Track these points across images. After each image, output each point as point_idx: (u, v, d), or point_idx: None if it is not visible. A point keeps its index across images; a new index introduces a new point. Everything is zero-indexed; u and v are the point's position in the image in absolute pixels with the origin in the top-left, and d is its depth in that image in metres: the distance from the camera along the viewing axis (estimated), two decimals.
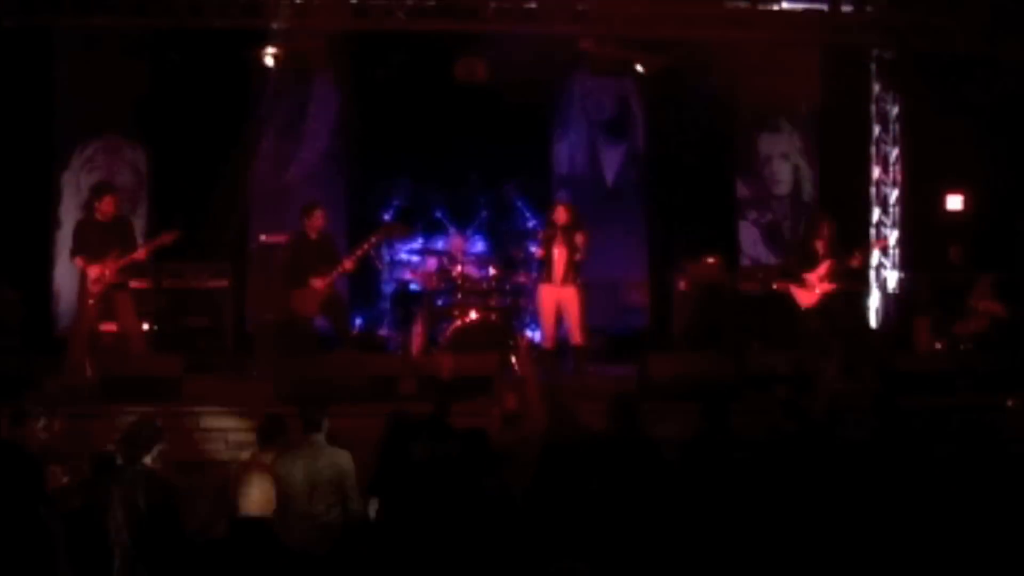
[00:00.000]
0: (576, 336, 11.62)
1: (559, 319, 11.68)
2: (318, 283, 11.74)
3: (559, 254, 11.61)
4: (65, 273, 13.19)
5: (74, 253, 11.40)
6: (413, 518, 6.27)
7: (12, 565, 5.82)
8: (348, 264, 11.83)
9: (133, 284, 11.65)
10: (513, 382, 10.96)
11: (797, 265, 12.30)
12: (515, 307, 12.67)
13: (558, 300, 11.63)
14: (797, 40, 13.72)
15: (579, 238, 11.56)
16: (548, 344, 11.78)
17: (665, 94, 13.82)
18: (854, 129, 14.43)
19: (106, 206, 11.34)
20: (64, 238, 12.58)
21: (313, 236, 11.92)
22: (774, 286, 12.61)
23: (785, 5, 13.12)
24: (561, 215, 11.67)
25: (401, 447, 7.09)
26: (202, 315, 12.79)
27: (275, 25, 12.73)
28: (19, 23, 12.35)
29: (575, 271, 11.63)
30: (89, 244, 11.26)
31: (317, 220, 11.91)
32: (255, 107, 14.04)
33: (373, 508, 7.05)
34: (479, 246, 13.46)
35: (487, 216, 13.51)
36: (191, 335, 12.62)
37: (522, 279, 12.55)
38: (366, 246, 12.01)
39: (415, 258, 13.37)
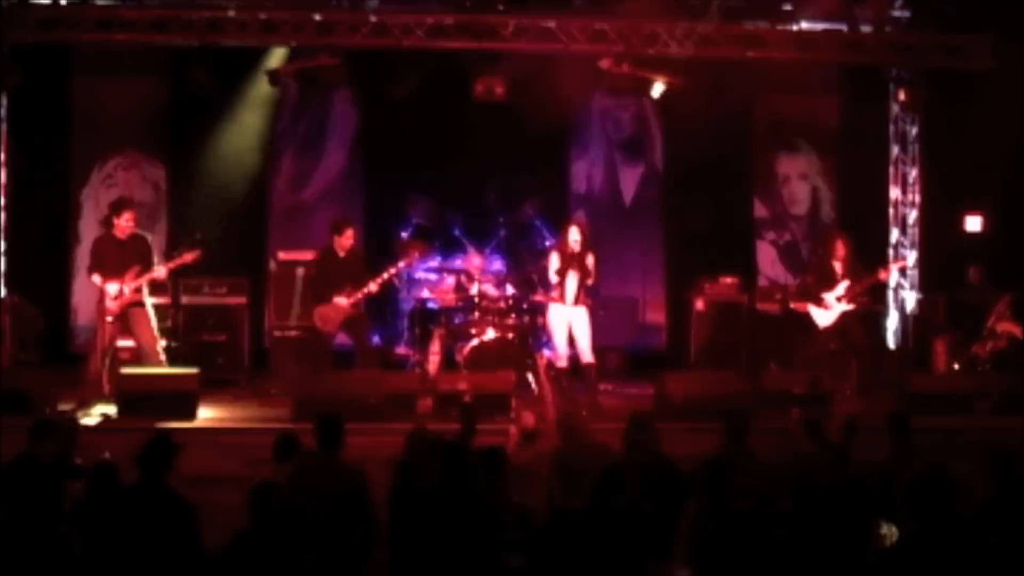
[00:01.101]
0: (586, 355, 11.59)
1: (571, 338, 11.65)
2: (342, 303, 11.73)
3: (572, 276, 11.56)
4: (83, 288, 13.16)
5: (91, 270, 11.39)
6: (428, 538, 6.26)
7: None
8: (373, 288, 11.80)
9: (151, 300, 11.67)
10: (531, 400, 10.98)
11: (815, 285, 12.29)
12: (532, 325, 12.63)
13: (569, 320, 11.61)
14: (816, 60, 13.70)
15: (590, 260, 11.53)
16: (562, 363, 11.75)
17: (683, 114, 13.80)
18: (873, 149, 14.40)
19: (125, 222, 11.34)
20: (83, 254, 12.60)
21: (341, 254, 11.88)
22: (791, 306, 12.62)
23: (804, 25, 13.12)
24: (575, 235, 11.60)
25: (421, 466, 7.07)
26: (220, 331, 12.81)
27: (294, 43, 12.80)
28: (39, 40, 12.40)
29: (586, 292, 11.60)
30: (107, 261, 11.27)
31: (347, 239, 11.88)
32: (274, 124, 14.12)
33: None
34: (497, 264, 13.42)
35: (505, 234, 13.46)
36: (209, 351, 12.62)
37: (540, 298, 12.52)
38: (393, 271, 11.95)
39: (433, 276, 13.33)
